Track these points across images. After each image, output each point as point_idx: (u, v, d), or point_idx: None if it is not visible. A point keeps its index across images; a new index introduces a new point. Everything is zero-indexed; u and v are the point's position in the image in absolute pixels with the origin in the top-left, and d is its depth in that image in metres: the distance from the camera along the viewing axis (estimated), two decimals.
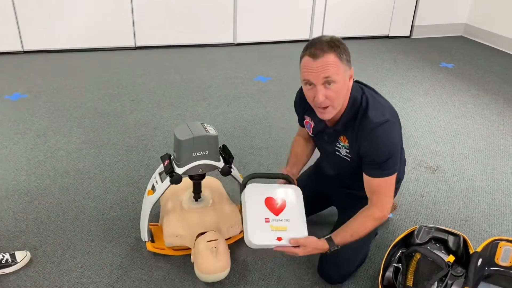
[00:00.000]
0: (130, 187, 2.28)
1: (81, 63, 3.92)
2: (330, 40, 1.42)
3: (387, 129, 1.48)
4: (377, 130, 1.47)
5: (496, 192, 2.35)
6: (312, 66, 1.41)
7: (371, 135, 1.48)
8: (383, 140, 1.48)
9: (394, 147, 1.51)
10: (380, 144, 1.49)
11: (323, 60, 1.39)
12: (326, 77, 1.41)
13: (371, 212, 1.57)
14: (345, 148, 1.61)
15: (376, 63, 4.23)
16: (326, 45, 1.40)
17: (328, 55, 1.39)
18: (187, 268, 1.78)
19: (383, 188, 1.55)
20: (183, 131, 1.69)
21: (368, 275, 1.80)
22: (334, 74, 1.40)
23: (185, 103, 3.26)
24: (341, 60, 1.41)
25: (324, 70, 1.40)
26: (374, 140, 1.48)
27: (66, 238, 1.92)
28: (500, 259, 1.76)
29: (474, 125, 3.09)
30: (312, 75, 1.42)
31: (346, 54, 1.43)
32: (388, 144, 1.50)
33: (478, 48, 4.88)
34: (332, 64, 1.39)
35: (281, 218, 1.55)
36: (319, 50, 1.40)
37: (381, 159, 1.50)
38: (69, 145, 2.64)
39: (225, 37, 4.59)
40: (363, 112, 1.50)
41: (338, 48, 1.41)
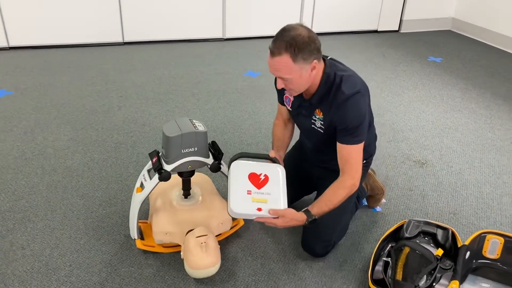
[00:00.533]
0: (119, 184, 2.26)
1: (68, 59, 3.87)
2: (289, 40, 1.48)
3: (357, 99, 1.61)
4: (348, 100, 1.60)
5: (484, 186, 2.38)
6: (270, 62, 1.55)
7: (343, 105, 1.61)
8: (354, 109, 1.62)
9: (363, 115, 1.64)
10: (351, 112, 1.62)
11: (276, 60, 1.51)
12: (278, 75, 1.56)
13: (342, 180, 1.68)
14: (319, 120, 1.73)
15: (365, 57, 4.24)
16: (283, 46, 1.49)
17: (282, 57, 1.50)
18: (177, 265, 1.77)
19: (353, 156, 1.68)
20: (171, 127, 1.68)
21: (357, 269, 1.81)
22: (286, 74, 1.53)
23: (174, 99, 3.24)
24: (294, 61, 1.50)
25: (276, 70, 1.55)
26: (345, 109, 1.61)
27: (54, 237, 1.90)
28: (488, 251, 1.79)
29: (462, 119, 3.12)
30: (270, 69, 1.58)
31: (302, 51, 1.49)
32: (358, 113, 1.63)
33: (465, 42, 4.92)
34: (284, 65, 1.51)
35: (263, 191, 1.65)
36: (276, 49, 1.50)
37: (352, 125, 1.62)
38: (57, 143, 2.61)
39: (214, 32, 4.57)
40: (336, 86, 1.62)
41: (295, 49, 1.48)
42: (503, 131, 2.96)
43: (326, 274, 1.77)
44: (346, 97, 1.59)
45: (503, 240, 1.76)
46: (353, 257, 1.86)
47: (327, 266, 1.81)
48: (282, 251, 1.87)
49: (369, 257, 1.86)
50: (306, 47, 1.50)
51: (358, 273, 1.79)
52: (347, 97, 1.59)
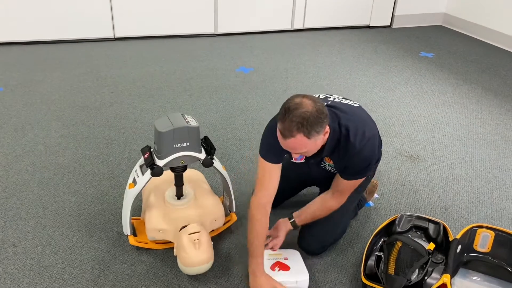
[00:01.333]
0: (111, 181, 2.25)
1: (59, 55, 3.84)
2: (299, 121, 1.43)
3: (369, 147, 1.62)
4: (360, 153, 1.61)
5: (475, 180, 2.40)
6: (283, 143, 1.51)
7: (355, 157, 1.62)
8: (366, 158, 1.64)
9: (372, 159, 1.67)
10: (363, 161, 1.65)
11: (290, 141, 1.47)
12: (293, 152, 1.55)
13: (330, 204, 1.76)
14: (330, 167, 1.76)
15: (357, 53, 4.25)
16: (294, 127, 1.43)
17: (296, 138, 1.46)
18: (170, 262, 1.77)
19: (349, 188, 1.74)
20: (163, 122, 1.67)
21: (350, 263, 1.82)
22: (303, 149, 1.51)
23: (166, 94, 3.22)
24: (309, 138, 1.46)
25: (292, 149, 1.52)
26: (357, 159, 1.63)
27: (46, 234, 1.89)
28: (479, 245, 1.80)
29: (454, 114, 3.14)
30: (284, 147, 1.54)
31: (316, 127, 1.45)
32: (369, 160, 1.66)
33: (456, 38, 4.94)
34: (299, 144, 1.48)
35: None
36: (288, 131, 1.45)
37: (361, 168, 1.67)
38: (48, 139, 2.58)
39: (206, 27, 4.55)
40: (344, 139, 1.60)
41: (306, 128, 1.43)
42: (493, 126, 2.99)
43: (319, 269, 1.78)
44: (358, 151, 1.59)
45: (494, 234, 1.77)
46: (346, 252, 1.87)
47: (320, 261, 1.81)
48: None
49: (361, 251, 1.87)
50: (318, 122, 1.45)
51: (351, 267, 1.80)
52: (359, 151, 1.59)
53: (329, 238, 1.85)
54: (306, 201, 1.86)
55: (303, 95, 1.49)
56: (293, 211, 1.84)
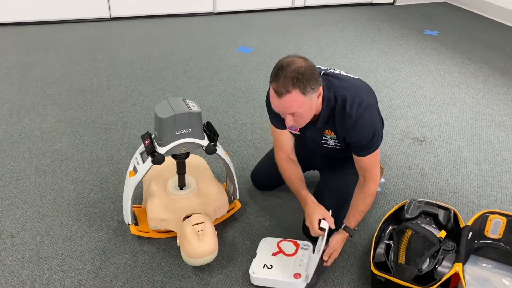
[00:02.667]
0: (111, 167, 2.18)
1: (53, 36, 3.72)
2: (293, 76, 1.38)
3: (367, 116, 1.54)
4: (358, 121, 1.53)
5: (483, 163, 2.34)
6: (277, 103, 1.44)
7: (354, 128, 1.55)
8: (366, 127, 1.55)
9: (376, 127, 1.58)
10: (364, 131, 1.56)
11: (286, 99, 1.41)
12: (290, 112, 1.45)
13: (368, 188, 1.64)
14: (332, 139, 1.67)
15: (360, 31, 4.14)
16: (290, 82, 1.38)
17: (291, 94, 1.40)
18: (173, 251, 1.72)
19: (372, 163, 1.63)
20: (164, 108, 1.60)
21: (358, 251, 1.77)
22: (299, 109, 1.44)
23: (165, 77, 3.13)
24: (305, 95, 1.41)
25: (289, 108, 1.44)
26: (357, 130, 1.55)
27: (45, 224, 1.83)
28: (490, 231, 1.75)
29: (460, 94, 3.06)
30: (278, 109, 1.47)
31: (310, 82, 1.41)
32: (371, 128, 1.56)
33: (461, 15, 4.82)
34: (295, 101, 1.41)
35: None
36: (283, 87, 1.39)
37: (367, 141, 1.57)
38: (44, 125, 2.51)
39: (204, 6, 4.42)
40: (340, 108, 1.53)
41: (302, 83, 1.39)
42: (501, 106, 2.92)
43: None
44: (355, 120, 1.51)
45: (506, 220, 1.72)
46: (353, 239, 1.82)
47: None
48: (280, 234, 1.83)
49: (369, 238, 1.82)
50: (312, 77, 1.41)
51: (358, 255, 1.75)
52: (357, 119, 1.51)
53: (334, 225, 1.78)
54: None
55: (294, 54, 1.46)
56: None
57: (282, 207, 1.98)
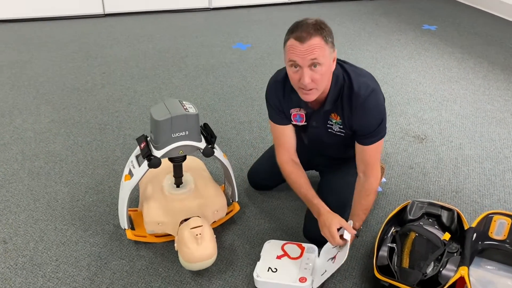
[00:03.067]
0: (106, 169, 2.13)
1: (46, 34, 3.65)
2: (315, 23, 1.41)
3: (374, 98, 1.52)
4: (365, 102, 1.51)
5: (485, 161, 2.30)
6: (299, 48, 1.40)
7: (361, 109, 1.52)
8: (374, 110, 1.53)
9: (383, 113, 1.56)
10: (371, 115, 1.53)
11: (309, 43, 1.38)
12: (313, 59, 1.40)
13: (369, 184, 1.61)
14: (338, 125, 1.62)
15: (358, 26, 4.09)
16: (312, 28, 1.39)
17: (314, 38, 1.39)
18: (171, 256, 1.68)
19: (374, 156, 1.61)
20: (160, 110, 1.55)
21: (360, 254, 1.73)
22: (320, 57, 1.40)
23: (161, 74, 3.08)
24: (326, 43, 1.41)
25: (311, 53, 1.39)
26: (365, 112, 1.53)
27: (38, 229, 1.78)
28: (494, 232, 1.72)
29: (460, 90, 3.02)
30: (299, 57, 1.41)
31: (331, 36, 1.43)
32: (378, 112, 1.54)
33: (459, 9, 4.77)
34: (318, 47, 1.39)
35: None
36: (306, 33, 1.38)
37: (374, 128, 1.55)
38: (37, 125, 2.45)
39: (200, 1, 4.35)
40: (348, 88, 1.52)
41: (324, 31, 1.41)
42: (502, 102, 2.88)
43: None
44: (363, 99, 1.49)
45: (511, 221, 1.69)
46: (355, 241, 1.78)
47: None
48: (280, 237, 1.78)
49: (371, 241, 1.78)
50: (331, 32, 1.43)
51: (361, 258, 1.71)
52: (364, 100, 1.49)
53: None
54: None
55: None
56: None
57: (282, 209, 1.94)
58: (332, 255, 1.54)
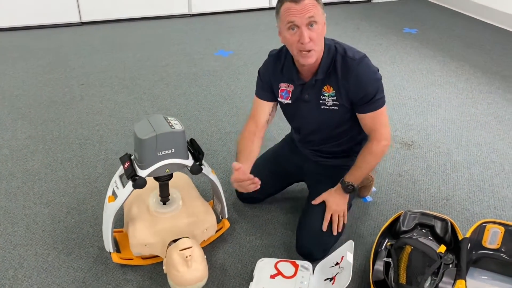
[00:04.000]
0: (88, 187, 2.05)
1: (20, 44, 3.53)
2: None
3: (367, 63, 1.56)
4: (360, 65, 1.54)
5: (473, 166, 2.30)
6: (296, 8, 1.45)
7: (356, 72, 1.54)
8: (369, 73, 1.56)
9: (378, 76, 1.59)
10: (368, 77, 1.55)
11: (304, 3, 1.44)
12: (310, 17, 1.45)
13: (370, 145, 1.63)
14: (331, 97, 1.62)
15: (339, 31, 4.08)
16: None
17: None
18: (160, 279, 1.61)
19: (378, 120, 1.62)
20: (144, 128, 1.48)
21: (355, 267, 1.69)
22: (316, 15, 1.46)
23: (141, 84, 3.00)
24: (318, 3, 1.48)
25: (308, 11, 1.45)
26: (361, 75, 1.54)
27: (17, 255, 1.69)
28: (488, 242, 1.70)
29: (444, 94, 3.03)
30: (297, 17, 1.45)
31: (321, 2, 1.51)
32: (374, 75, 1.57)
33: (438, 12, 4.82)
34: (313, 5, 1.46)
35: None
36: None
37: (372, 92, 1.56)
38: (14, 142, 2.35)
39: (179, 8, 4.28)
40: (341, 55, 1.56)
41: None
42: (485, 106, 2.89)
43: None
44: (357, 62, 1.53)
45: (504, 229, 1.67)
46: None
47: None
48: (273, 254, 1.73)
49: (365, 254, 1.75)
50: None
51: (355, 273, 1.67)
52: (358, 63, 1.53)
53: (330, 240, 1.71)
54: (294, 197, 1.81)
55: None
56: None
57: (273, 223, 1.88)
58: (330, 275, 1.50)
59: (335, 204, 1.67)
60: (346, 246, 1.54)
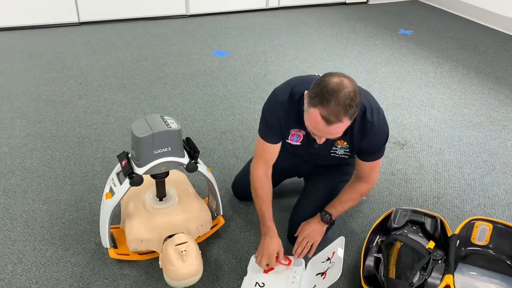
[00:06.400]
0: (85, 184, 2.08)
1: (19, 44, 3.56)
2: (347, 103, 1.31)
3: (382, 122, 1.55)
4: (378, 129, 1.54)
5: (465, 165, 2.34)
6: (323, 129, 1.37)
7: (374, 135, 1.55)
8: (382, 133, 1.58)
9: (387, 132, 1.60)
10: (380, 138, 1.58)
11: (335, 127, 1.35)
12: (332, 138, 1.45)
13: (358, 185, 1.69)
14: (343, 149, 1.65)
15: (335, 32, 4.12)
16: (342, 110, 1.31)
17: (342, 123, 1.35)
18: (156, 274, 1.64)
19: (375, 168, 1.68)
20: (141, 127, 1.51)
21: (346, 264, 1.73)
22: (340, 134, 1.42)
23: (139, 84, 3.03)
24: (351, 119, 1.37)
25: (334, 134, 1.40)
26: (376, 137, 1.57)
27: (16, 250, 1.72)
28: (477, 238, 1.75)
29: (438, 94, 3.07)
30: (321, 134, 1.42)
31: (358, 107, 1.36)
32: (386, 134, 1.59)
33: (434, 13, 4.87)
34: (343, 128, 1.38)
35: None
36: (334, 116, 1.32)
37: (379, 147, 1.61)
38: (12, 140, 2.38)
39: (177, 8, 4.31)
40: (360, 117, 1.50)
41: (353, 109, 1.33)
42: (478, 106, 2.94)
43: None
44: (376, 127, 1.52)
45: (492, 226, 1.72)
46: None
47: None
48: None
49: (356, 250, 1.79)
50: (359, 100, 1.35)
51: (347, 269, 1.71)
52: (377, 127, 1.52)
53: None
54: (288, 194, 1.87)
55: (336, 73, 1.37)
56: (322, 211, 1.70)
57: None
58: (322, 270, 1.54)
59: (310, 230, 1.66)
60: (338, 242, 1.58)
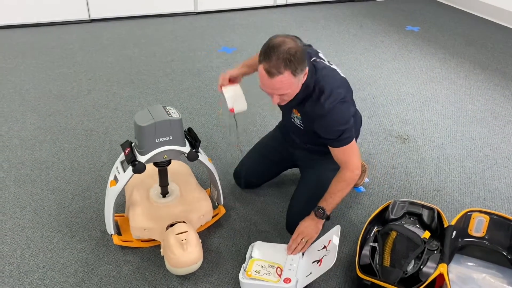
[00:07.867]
0: (92, 175, 2.14)
1: (31, 40, 3.64)
2: (286, 56, 1.42)
3: (336, 108, 1.56)
4: (327, 116, 1.56)
5: (466, 160, 2.36)
6: (267, 83, 1.47)
7: (321, 120, 1.59)
8: (334, 119, 1.58)
9: (344, 124, 1.60)
10: (332, 123, 1.59)
11: (276, 80, 1.44)
12: (281, 94, 1.50)
13: (342, 174, 1.67)
14: (298, 119, 1.72)
15: (343, 28, 4.14)
16: (282, 63, 1.42)
17: (283, 75, 1.44)
18: (158, 260, 1.70)
19: (348, 154, 1.66)
20: (143, 116, 1.57)
21: (343, 253, 1.77)
22: (287, 89, 1.48)
23: (147, 79, 3.09)
24: (295, 76, 1.46)
25: (278, 89, 1.48)
26: (325, 124, 1.59)
27: (25, 236, 1.79)
28: (473, 230, 1.77)
29: (442, 90, 3.08)
30: (268, 89, 1.50)
31: (300, 64, 1.46)
32: (338, 124, 1.59)
33: (442, 10, 4.85)
34: (285, 82, 1.46)
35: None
36: (275, 69, 1.43)
37: (334, 136, 1.61)
38: (23, 132, 2.45)
39: (185, 6, 4.37)
40: (315, 97, 1.57)
41: (293, 64, 1.43)
42: (482, 102, 2.94)
43: None
44: (324, 112, 1.55)
45: (489, 218, 1.74)
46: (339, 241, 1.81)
47: None
48: (266, 239, 1.81)
49: (354, 240, 1.82)
50: (302, 58, 1.46)
51: (344, 258, 1.75)
52: (325, 113, 1.56)
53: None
54: (288, 185, 1.89)
55: (282, 34, 1.49)
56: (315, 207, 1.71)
57: (267, 211, 1.97)
58: (318, 258, 1.58)
59: (304, 226, 1.68)
60: (334, 230, 1.62)
